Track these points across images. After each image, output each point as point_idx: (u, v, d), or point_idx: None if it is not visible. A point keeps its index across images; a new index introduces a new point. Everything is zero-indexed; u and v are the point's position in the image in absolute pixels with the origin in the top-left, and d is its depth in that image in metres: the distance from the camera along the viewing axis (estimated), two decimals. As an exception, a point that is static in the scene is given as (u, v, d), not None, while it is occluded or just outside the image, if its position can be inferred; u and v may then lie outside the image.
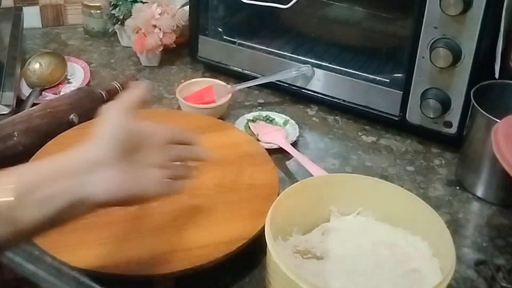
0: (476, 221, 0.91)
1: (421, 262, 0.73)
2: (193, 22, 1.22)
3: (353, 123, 1.12)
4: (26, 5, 1.37)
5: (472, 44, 0.94)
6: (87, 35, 1.39)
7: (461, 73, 0.96)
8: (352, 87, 1.09)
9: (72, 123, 1.01)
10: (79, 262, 0.75)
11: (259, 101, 1.17)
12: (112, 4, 1.30)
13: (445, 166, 1.02)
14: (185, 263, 0.75)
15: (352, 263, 0.74)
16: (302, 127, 1.09)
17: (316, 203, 0.79)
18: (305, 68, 1.12)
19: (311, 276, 0.69)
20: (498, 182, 0.92)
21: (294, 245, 0.75)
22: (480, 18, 0.92)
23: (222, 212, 0.84)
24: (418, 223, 0.76)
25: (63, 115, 1.01)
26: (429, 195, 0.95)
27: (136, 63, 1.28)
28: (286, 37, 1.22)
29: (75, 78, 1.21)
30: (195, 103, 1.09)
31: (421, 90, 1.01)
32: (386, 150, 1.05)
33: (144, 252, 0.77)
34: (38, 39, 1.37)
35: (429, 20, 0.96)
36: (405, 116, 1.04)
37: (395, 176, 0.99)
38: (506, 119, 0.85)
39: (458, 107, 0.99)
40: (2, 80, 1.08)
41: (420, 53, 0.98)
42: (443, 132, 1.02)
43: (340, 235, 0.78)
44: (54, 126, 0.99)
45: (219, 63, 1.22)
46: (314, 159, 0.99)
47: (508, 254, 0.85)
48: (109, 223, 0.82)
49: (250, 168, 0.93)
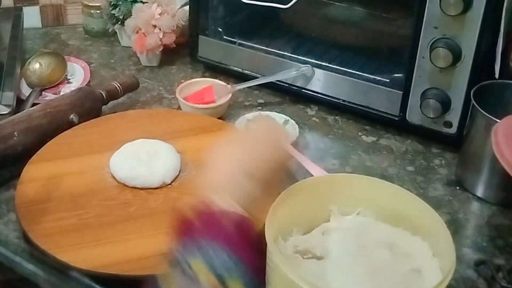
0: (476, 221, 0.91)
1: (421, 262, 0.73)
2: (193, 22, 1.22)
3: (353, 123, 1.12)
4: (26, 5, 1.37)
5: (472, 44, 0.94)
6: (87, 35, 1.39)
7: (461, 73, 0.96)
8: (352, 87, 1.09)
9: (72, 123, 1.01)
10: (79, 262, 0.75)
11: (259, 101, 1.17)
12: (112, 4, 1.30)
13: (445, 166, 1.02)
14: (185, 263, 0.75)
15: (352, 263, 0.74)
16: (302, 127, 1.09)
17: (316, 203, 0.79)
18: (305, 68, 1.12)
19: (311, 276, 0.69)
20: (498, 182, 0.92)
21: (294, 245, 0.75)
22: (480, 18, 0.92)
23: (222, 212, 0.84)
24: (418, 223, 0.76)
25: (63, 115, 1.01)
26: (429, 195, 0.95)
27: (136, 63, 1.28)
28: (286, 37, 1.22)
29: (75, 78, 1.21)
30: (195, 103, 1.09)
31: (421, 90, 1.01)
32: (386, 150, 1.05)
33: (144, 252, 0.78)
34: (38, 39, 1.37)
35: (429, 20, 0.96)
36: (405, 116, 1.04)
37: (395, 176, 0.99)
38: (506, 119, 0.85)
39: (458, 107, 0.99)
40: (2, 80, 1.08)
41: (420, 53, 0.98)
42: (443, 132, 1.02)
43: (340, 235, 0.78)
44: (54, 126, 0.99)
45: (219, 63, 1.22)
46: (314, 159, 0.99)
47: (508, 254, 0.85)
48: (109, 223, 0.82)
49: (250, 168, 0.92)
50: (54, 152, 0.95)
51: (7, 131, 0.95)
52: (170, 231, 0.64)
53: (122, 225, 0.82)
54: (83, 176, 0.91)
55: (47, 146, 0.96)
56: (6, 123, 0.96)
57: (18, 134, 0.95)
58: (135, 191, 0.88)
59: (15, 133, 0.95)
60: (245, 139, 0.75)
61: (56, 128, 0.99)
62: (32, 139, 0.96)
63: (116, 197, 0.87)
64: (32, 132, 0.97)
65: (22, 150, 0.94)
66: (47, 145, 0.96)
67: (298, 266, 0.72)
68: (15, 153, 0.94)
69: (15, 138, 0.94)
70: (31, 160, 0.92)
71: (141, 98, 1.16)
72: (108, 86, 1.11)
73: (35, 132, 0.97)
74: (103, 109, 1.08)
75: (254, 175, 0.68)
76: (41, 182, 0.89)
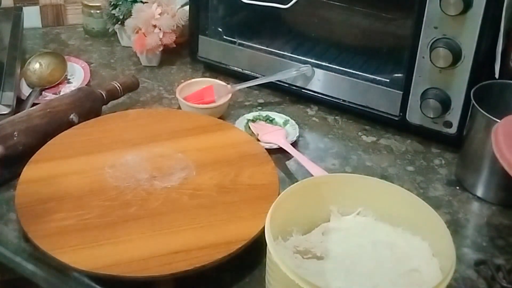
0: (476, 221, 0.91)
1: (421, 262, 0.73)
2: (193, 22, 1.22)
3: (353, 123, 1.12)
4: (26, 5, 1.37)
5: (472, 44, 0.94)
6: (87, 35, 1.39)
7: (461, 73, 0.96)
8: (352, 87, 1.09)
9: (72, 123, 1.01)
10: (79, 263, 0.75)
11: (259, 101, 1.17)
12: (112, 4, 1.30)
13: (445, 166, 1.02)
14: (185, 264, 0.75)
15: (352, 263, 0.74)
16: (302, 127, 1.09)
17: (316, 203, 0.79)
18: (305, 68, 1.12)
19: (311, 276, 0.69)
20: (498, 182, 0.92)
21: (294, 245, 0.75)
22: (480, 18, 0.92)
23: (222, 212, 0.84)
24: (418, 223, 0.76)
25: (63, 115, 1.01)
26: (429, 195, 0.95)
27: (136, 63, 1.28)
28: (286, 37, 1.22)
29: (75, 78, 1.21)
30: (195, 103, 1.09)
31: (421, 90, 1.01)
32: (386, 150, 1.05)
33: (144, 252, 0.77)
34: (38, 39, 1.37)
35: (429, 20, 0.96)
36: (405, 116, 1.04)
37: (395, 176, 0.99)
38: (506, 119, 0.85)
39: (458, 107, 0.99)
40: (2, 80, 1.08)
41: (420, 53, 0.98)
42: (443, 132, 1.02)
43: (340, 235, 0.78)
44: (54, 126, 0.99)
45: (219, 63, 1.22)
46: (314, 159, 0.99)
47: (508, 254, 0.85)
48: (109, 223, 0.82)
49: (250, 168, 0.93)
50: (54, 152, 0.95)
51: (7, 131, 0.95)
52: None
53: (122, 226, 0.82)
54: (83, 176, 0.91)
55: (47, 146, 0.96)
56: (6, 123, 0.96)
57: (18, 134, 0.95)
58: (135, 192, 0.88)
59: (15, 133, 0.95)
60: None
61: (56, 128, 0.99)
62: (32, 139, 0.96)
63: (116, 198, 0.87)
64: (32, 132, 0.97)
65: (22, 150, 0.94)
66: (47, 145, 0.96)
67: (298, 266, 0.72)
68: (15, 153, 0.94)
69: (15, 138, 0.94)
70: (31, 160, 0.92)
71: (141, 98, 1.16)
72: (108, 86, 1.11)
73: (35, 132, 0.97)
74: (103, 109, 1.09)
75: None
76: (41, 182, 0.89)
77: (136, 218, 0.83)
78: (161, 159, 0.94)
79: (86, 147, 0.96)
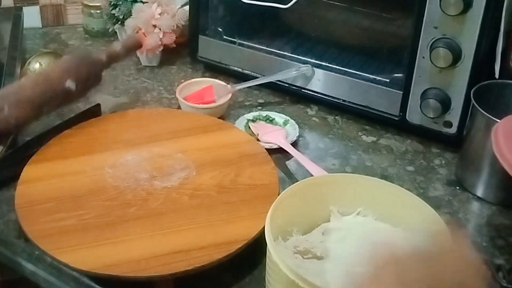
0: (476, 221, 0.91)
1: (421, 262, 0.73)
2: (193, 22, 1.22)
3: (353, 123, 1.12)
4: (26, 5, 1.37)
5: (472, 44, 0.94)
6: (87, 35, 1.39)
7: (461, 73, 0.96)
8: (352, 87, 1.09)
9: (69, 90, 0.95)
10: (79, 263, 0.75)
11: (259, 101, 1.17)
12: (112, 4, 1.30)
13: (445, 166, 1.02)
14: (185, 264, 0.75)
15: (352, 263, 0.74)
16: (302, 127, 1.09)
17: (316, 203, 0.79)
18: (305, 68, 1.12)
19: (311, 276, 0.69)
20: (498, 182, 0.92)
21: (294, 245, 0.75)
22: (480, 18, 0.92)
23: (222, 212, 0.84)
24: (418, 223, 0.76)
25: (58, 83, 0.95)
26: (429, 195, 0.95)
27: (136, 63, 1.28)
28: (286, 37, 1.22)
29: (75, 78, 1.21)
30: (195, 103, 1.09)
31: (421, 90, 1.01)
32: (386, 150, 1.05)
33: (144, 253, 0.77)
34: (38, 39, 1.37)
35: (429, 20, 0.96)
36: (405, 116, 1.04)
37: (395, 176, 0.99)
38: (506, 119, 0.85)
39: (458, 107, 0.99)
40: (2, 80, 1.07)
41: (420, 53, 0.99)
42: (443, 132, 1.02)
43: (340, 235, 0.78)
44: (49, 95, 0.93)
45: (219, 63, 1.22)
46: (314, 159, 0.99)
47: (508, 254, 0.85)
48: (109, 223, 0.82)
49: (250, 168, 0.93)
50: (54, 152, 0.95)
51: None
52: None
53: (122, 226, 0.82)
54: (83, 176, 0.91)
55: (47, 146, 0.96)
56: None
57: (8, 107, 0.89)
58: (135, 192, 0.88)
59: (5, 106, 0.89)
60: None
61: (51, 98, 0.93)
62: (25, 111, 0.91)
63: (116, 198, 0.87)
64: (24, 104, 0.91)
65: (15, 124, 0.90)
66: (47, 145, 0.96)
67: (298, 266, 0.72)
68: (8, 127, 0.90)
69: (5, 111, 0.89)
70: (31, 160, 0.92)
71: (141, 98, 1.16)
72: (108, 48, 1.07)
73: (27, 104, 0.91)
74: (103, 110, 1.08)
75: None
76: (41, 182, 0.89)
77: (136, 218, 0.83)
78: (161, 159, 0.94)
79: (86, 147, 0.96)
